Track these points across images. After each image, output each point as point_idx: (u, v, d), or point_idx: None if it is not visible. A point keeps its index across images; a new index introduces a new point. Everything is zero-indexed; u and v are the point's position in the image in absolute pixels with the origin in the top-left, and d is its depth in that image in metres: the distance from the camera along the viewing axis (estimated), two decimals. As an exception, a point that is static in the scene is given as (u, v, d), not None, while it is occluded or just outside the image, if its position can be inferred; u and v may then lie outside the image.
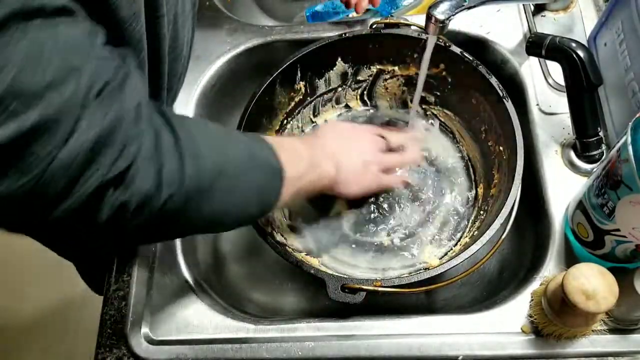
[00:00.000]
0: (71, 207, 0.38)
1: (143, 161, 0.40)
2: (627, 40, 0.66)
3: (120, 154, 0.38)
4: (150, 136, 0.41)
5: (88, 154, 0.37)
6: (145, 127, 0.40)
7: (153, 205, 0.41)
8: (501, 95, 0.70)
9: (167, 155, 0.41)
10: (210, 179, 0.45)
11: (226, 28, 0.86)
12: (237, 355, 0.63)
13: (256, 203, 0.53)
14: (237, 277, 0.81)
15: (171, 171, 0.41)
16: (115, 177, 0.38)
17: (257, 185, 0.52)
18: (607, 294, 0.53)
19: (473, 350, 0.61)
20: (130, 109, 0.40)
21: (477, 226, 0.73)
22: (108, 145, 0.38)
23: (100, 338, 0.66)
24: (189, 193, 0.43)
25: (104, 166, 0.38)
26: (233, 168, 0.48)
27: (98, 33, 0.40)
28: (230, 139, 0.51)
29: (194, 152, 0.43)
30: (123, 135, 0.39)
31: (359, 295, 0.60)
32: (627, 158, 0.51)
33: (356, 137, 0.73)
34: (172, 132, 0.42)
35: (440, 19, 0.64)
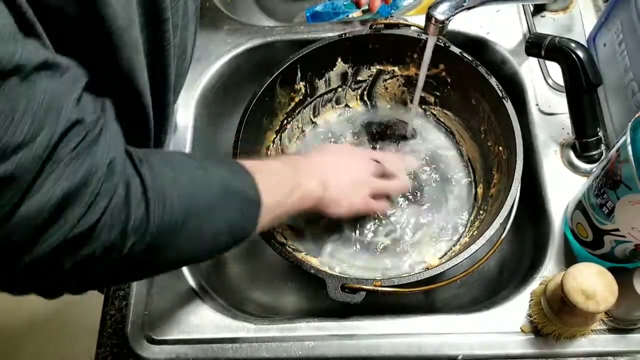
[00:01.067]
0: (34, 259, 0.38)
1: (109, 217, 0.40)
2: (626, 41, 0.66)
3: (88, 211, 0.38)
4: (121, 191, 0.40)
5: (54, 210, 0.37)
6: (116, 182, 0.40)
7: (117, 253, 0.41)
8: (501, 95, 0.70)
9: (134, 207, 0.41)
10: (177, 222, 0.44)
11: (226, 28, 0.87)
12: (237, 355, 0.63)
13: (230, 235, 0.52)
14: (237, 277, 0.81)
15: (137, 221, 0.41)
16: (78, 234, 0.38)
17: (231, 219, 0.50)
18: (607, 294, 0.53)
19: (473, 350, 0.61)
20: (102, 164, 0.39)
21: (477, 226, 0.73)
22: (76, 201, 0.38)
23: (100, 337, 0.66)
24: (154, 238, 0.43)
25: (70, 222, 0.38)
26: (203, 206, 0.47)
27: (80, 80, 0.40)
28: (204, 175, 0.49)
29: (162, 197, 0.43)
30: (92, 192, 0.38)
31: (359, 295, 0.60)
32: (626, 158, 0.51)
33: (348, 156, 0.72)
34: (141, 180, 0.42)
35: (440, 20, 0.64)
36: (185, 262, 0.53)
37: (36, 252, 0.37)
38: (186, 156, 0.52)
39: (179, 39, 0.59)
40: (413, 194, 0.79)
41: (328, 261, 0.75)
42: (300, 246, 0.76)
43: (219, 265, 0.81)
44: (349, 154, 0.74)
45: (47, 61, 0.37)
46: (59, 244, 0.38)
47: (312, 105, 0.85)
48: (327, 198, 0.65)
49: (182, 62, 0.64)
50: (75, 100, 0.39)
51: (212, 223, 0.48)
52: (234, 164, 0.54)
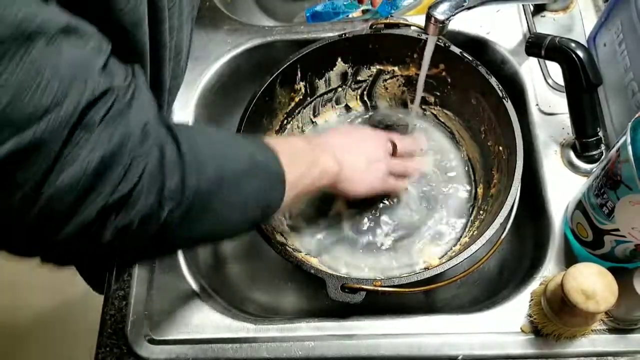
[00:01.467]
0: (75, 229, 0.38)
1: (146, 182, 0.39)
2: (626, 41, 0.66)
3: (124, 177, 0.38)
4: (155, 154, 0.40)
5: (91, 177, 0.37)
6: (151, 146, 0.40)
7: (155, 221, 0.41)
8: (501, 95, 0.70)
9: (170, 171, 0.41)
10: (212, 188, 0.45)
11: (226, 28, 0.86)
12: (237, 355, 0.63)
13: (258, 209, 0.52)
14: (237, 277, 0.81)
15: (173, 186, 0.41)
16: (118, 199, 0.38)
17: (259, 191, 0.51)
18: (607, 294, 0.53)
19: (473, 350, 0.61)
20: (136, 129, 0.39)
21: (477, 226, 0.73)
22: (112, 168, 0.38)
23: (100, 337, 0.66)
24: (190, 205, 0.43)
25: (107, 189, 0.38)
26: (234, 176, 0.47)
27: (104, 47, 0.40)
28: (233, 146, 0.50)
29: (196, 163, 0.43)
30: (127, 157, 0.38)
31: (359, 295, 0.60)
32: (626, 158, 0.51)
33: (363, 137, 0.73)
34: (176, 145, 0.42)
35: (440, 19, 0.64)
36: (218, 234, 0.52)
37: (78, 220, 0.37)
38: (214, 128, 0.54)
39: (175, 40, 0.59)
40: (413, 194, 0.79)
41: (328, 261, 0.75)
42: (300, 246, 0.76)
43: (219, 265, 0.81)
44: (364, 134, 0.74)
45: (70, 25, 0.37)
46: (99, 211, 0.38)
47: (312, 105, 0.85)
48: (343, 176, 0.65)
49: (178, 63, 0.64)
50: (101, 66, 0.38)
51: (243, 192, 0.49)
52: (258, 140, 0.55)
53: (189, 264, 0.71)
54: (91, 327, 0.70)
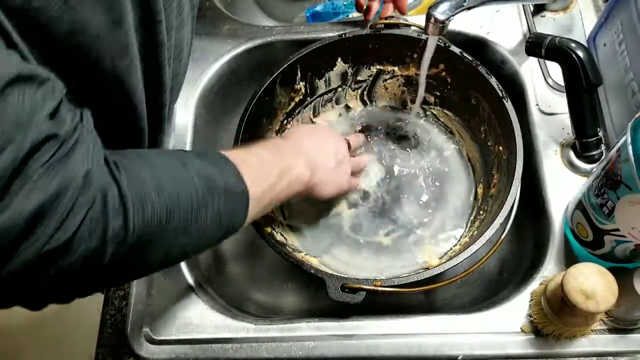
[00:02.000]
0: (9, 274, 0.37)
1: (88, 227, 0.39)
2: (626, 41, 0.66)
3: (63, 224, 0.38)
4: (98, 200, 0.40)
5: (25, 225, 0.36)
6: (93, 193, 0.39)
7: (99, 261, 0.41)
8: (501, 95, 0.70)
9: (112, 214, 0.40)
10: (160, 224, 0.44)
11: (226, 28, 0.87)
12: (237, 354, 0.63)
13: (218, 231, 0.51)
14: (237, 277, 0.81)
15: (117, 228, 0.40)
16: (55, 247, 0.38)
17: (217, 214, 0.50)
18: (607, 294, 0.53)
19: (473, 350, 0.61)
20: (78, 176, 0.38)
21: (477, 226, 0.73)
22: (49, 215, 0.37)
23: (100, 338, 0.66)
24: (136, 244, 0.42)
25: (43, 237, 0.37)
26: (187, 206, 0.46)
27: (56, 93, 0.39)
28: (186, 172, 0.48)
29: (140, 202, 0.42)
30: (66, 205, 0.38)
31: (359, 295, 0.60)
32: (626, 158, 0.51)
33: (327, 137, 0.72)
34: (118, 187, 0.41)
35: (440, 20, 0.64)
36: (176, 260, 0.52)
37: (11, 267, 0.37)
38: (166, 154, 0.51)
39: (173, 39, 0.59)
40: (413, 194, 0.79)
41: (328, 261, 0.75)
42: (300, 246, 0.76)
43: (219, 265, 0.81)
44: (326, 134, 0.73)
45: (22, 74, 0.36)
46: (33, 258, 0.37)
47: (312, 105, 0.85)
48: (315, 181, 0.64)
49: (179, 63, 0.64)
50: (48, 113, 0.38)
51: (199, 221, 0.47)
52: (217, 157, 0.53)
53: (188, 264, 0.71)
54: (91, 327, 0.71)
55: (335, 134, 0.75)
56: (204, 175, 0.49)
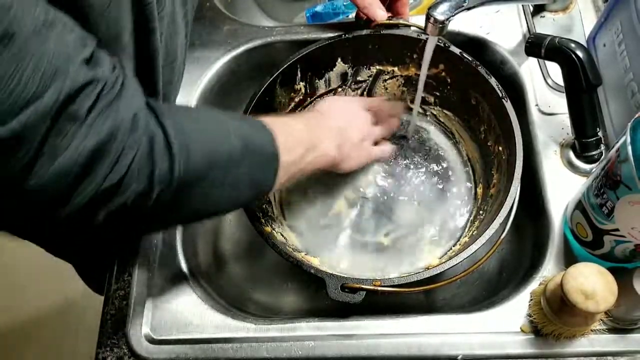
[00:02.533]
0: (70, 212, 0.40)
1: (136, 170, 0.41)
2: (626, 41, 0.66)
3: (115, 166, 0.40)
4: (145, 144, 0.42)
5: (83, 166, 0.38)
6: (140, 136, 0.41)
7: (146, 202, 0.43)
8: (500, 95, 0.70)
9: (159, 157, 0.43)
10: (200, 171, 0.46)
11: (226, 28, 0.87)
12: (237, 354, 0.63)
13: (249, 190, 0.54)
14: (237, 277, 0.81)
15: (162, 171, 0.43)
16: (109, 187, 0.40)
17: (250, 173, 0.52)
18: (606, 294, 0.53)
19: (472, 350, 0.62)
20: (125, 120, 0.40)
21: (477, 226, 0.73)
22: (102, 158, 0.39)
23: (101, 337, 0.66)
24: (179, 187, 0.44)
25: (99, 177, 0.39)
26: (225, 159, 0.49)
27: (89, 40, 0.41)
28: (227, 128, 0.51)
29: (185, 149, 0.44)
30: (118, 147, 0.40)
31: (359, 294, 0.60)
32: (626, 158, 0.51)
33: (353, 113, 0.75)
34: (164, 132, 0.43)
35: (439, 20, 0.64)
36: (209, 212, 0.55)
37: (71, 206, 0.40)
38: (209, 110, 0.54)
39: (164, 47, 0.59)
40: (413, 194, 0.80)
41: (328, 261, 0.75)
42: (300, 246, 0.77)
43: (219, 265, 0.81)
44: (354, 109, 0.76)
45: (54, 17, 0.37)
46: (91, 197, 0.40)
47: (312, 105, 0.85)
48: (339, 158, 0.68)
49: (172, 70, 0.64)
50: (86, 57, 0.39)
51: (234, 175, 0.50)
52: (255, 121, 0.56)
53: (189, 263, 0.71)
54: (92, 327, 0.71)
55: (360, 109, 0.76)
56: (242, 134, 0.51)
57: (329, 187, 0.81)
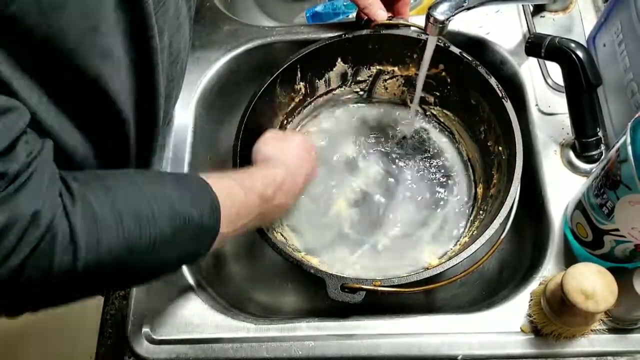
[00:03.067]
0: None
1: (33, 264, 0.40)
2: (626, 41, 0.66)
3: (7, 260, 0.39)
4: (46, 238, 0.40)
5: None
6: (41, 233, 0.40)
7: (45, 289, 0.42)
8: (500, 95, 0.70)
9: (60, 251, 0.41)
10: (115, 258, 0.44)
11: (226, 28, 0.87)
12: (237, 354, 0.63)
13: (179, 262, 0.53)
14: (237, 277, 0.81)
15: (64, 263, 0.41)
16: (4, 276, 0.39)
17: (181, 252, 0.50)
18: (606, 294, 0.53)
19: (472, 350, 0.62)
20: (24, 215, 0.39)
21: (477, 226, 0.73)
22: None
23: (101, 337, 0.66)
24: (86, 276, 0.43)
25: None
26: (148, 244, 0.45)
27: (12, 129, 0.39)
28: (153, 207, 0.46)
29: (95, 239, 0.42)
30: (11, 242, 0.38)
31: (359, 294, 0.60)
32: (626, 158, 0.51)
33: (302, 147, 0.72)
34: (69, 224, 0.41)
35: (439, 20, 0.64)
36: (133, 284, 0.55)
37: None
38: (138, 181, 0.48)
39: (168, 44, 0.58)
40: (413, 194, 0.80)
41: (328, 261, 0.75)
42: (300, 246, 0.77)
43: (219, 265, 0.81)
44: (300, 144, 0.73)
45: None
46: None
47: (312, 106, 0.85)
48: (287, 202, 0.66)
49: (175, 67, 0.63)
50: (2, 148, 0.38)
51: (160, 255, 0.47)
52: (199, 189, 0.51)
53: (189, 264, 0.71)
54: (92, 327, 0.71)
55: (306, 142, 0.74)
56: (177, 212, 0.47)
57: (329, 187, 0.81)
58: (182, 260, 0.52)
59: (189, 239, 0.49)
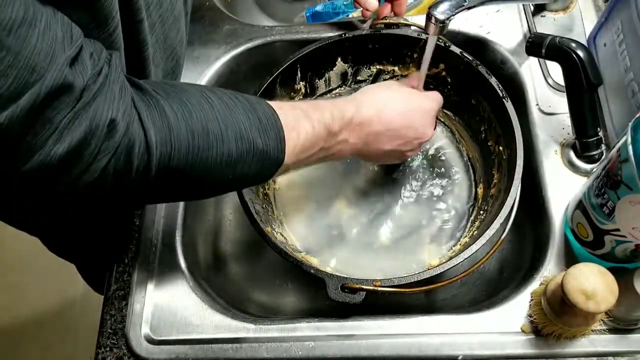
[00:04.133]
0: (59, 194, 0.43)
1: (111, 171, 0.42)
2: (626, 41, 0.66)
3: (88, 169, 0.41)
4: (122, 146, 0.42)
5: (56, 168, 0.40)
6: (116, 141, 0.42)
7: (126, 191, 0.45)
8: (501, 95, 0.70)
9: (137, 159, 0.43)
10: (182, 170, 0.46)
11: (226, 28, 0.86)
12: (237, 355, 0.63)
13: (240, 184, 0.56)
14: (237, 277, 0.81)
15: (140, 169, 0.44)
16: (85, 184, 0.42)
17: (244, 175, 0.51)
18: (607, 294, 0.53)
19: (473, 350, 0.61)
20: (101, 124, 0.41)
21: (477, 226, 0.73)
22: (75, 161, 0.41)
23: (100, 337, 0.66)
24: (158, 182, 0.45)
25: (72, 177, 0.41)
26: (213, 162, 0.48)
27: (74, 38, 0.40)
28: (223, 128, 0.48)
29: (168, 149, 0.44)
30: (91, 152, 0.41)
31: (359, 295, 0.60)
32: (627, 158, 0.51)
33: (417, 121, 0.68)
34: (145, 136, 0.43)
35: (440, 19, 0.64)
36: (197, 196, 0.57)
37: (59, 191, 0.43)
38: (215, 95, 0.50)
39: (162, 38, 0.58)
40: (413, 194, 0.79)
41: (328, 261, 0.75)
42: (300, 246, 0.76)
43: (218, 265, 0.81)
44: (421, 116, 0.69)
45: (37, 13, 0.37)
46: (68, 190, 0.42)
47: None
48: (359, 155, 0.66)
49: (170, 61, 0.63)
50: (68, 59, 0.39)
51: (223, 175, 0.50)
52: (267, 115, 0.52)
53: (188, 263, 0.71)
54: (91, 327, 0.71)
55: (430, 120, 0.70)
56: (243, 137, 0.49)
57: (329, 187, 0.81)
58: (246, 179, 0.54)
59: (254, 163, 0.51)
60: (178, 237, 0.71)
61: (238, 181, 0.53)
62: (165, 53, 0.61)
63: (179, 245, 0.71)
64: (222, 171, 0.49)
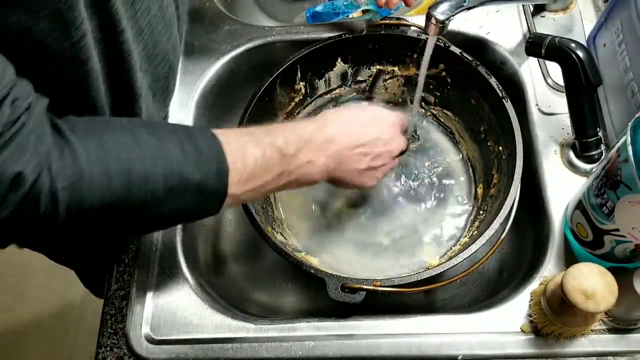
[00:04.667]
0: None
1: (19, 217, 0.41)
2: (626, 41, 0.66)
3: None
4: (30, 199, 0.41)
5: None
6: (24, 193, 0.40)
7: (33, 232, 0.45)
8: (501, 95, 0.70)
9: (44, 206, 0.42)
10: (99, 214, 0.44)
11: (226, 28, 0.86)
12: (237, 354, 0.63)
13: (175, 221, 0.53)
14: (237, 277, 0.81)
15: (47, 215, 0.42)
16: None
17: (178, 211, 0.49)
18: (607, 294, 0.53)
19: (472, 350, 0.62)
20: (6, 177, 0.39)
21: (477, 226, 0.73)
22: None
23: (101, 337, 0.66)
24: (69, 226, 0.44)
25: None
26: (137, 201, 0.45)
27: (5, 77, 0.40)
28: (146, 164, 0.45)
29: (79, 195, 0.42)
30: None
31: (359, 294, 0.60)
32: (626, 158, 0.51)
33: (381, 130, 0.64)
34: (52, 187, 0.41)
35: (440, 20, 0.64)
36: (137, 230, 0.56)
37: None
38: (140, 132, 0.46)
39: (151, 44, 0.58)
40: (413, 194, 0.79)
41: (328, 261, 0.75)
42: (300, 246, 0.76)
43: (219, 265, 0.81)
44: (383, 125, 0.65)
45: None
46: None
47: (312, 105, 0.85)
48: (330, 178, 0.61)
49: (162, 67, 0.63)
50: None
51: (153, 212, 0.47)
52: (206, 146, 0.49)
53: (188, 263, 0.71)
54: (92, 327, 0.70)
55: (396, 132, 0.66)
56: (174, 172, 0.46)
57: (329, 187, 0.80)
58: (186, 214, 0.50)
59: (191, 197, 0.48)
60: (178, 237, 0.71)
61: (176, 216, 0.50)
62: (155, 59, 0.60)
63: (179, 245, 0.71)
64: (152, 208, 0.46)
